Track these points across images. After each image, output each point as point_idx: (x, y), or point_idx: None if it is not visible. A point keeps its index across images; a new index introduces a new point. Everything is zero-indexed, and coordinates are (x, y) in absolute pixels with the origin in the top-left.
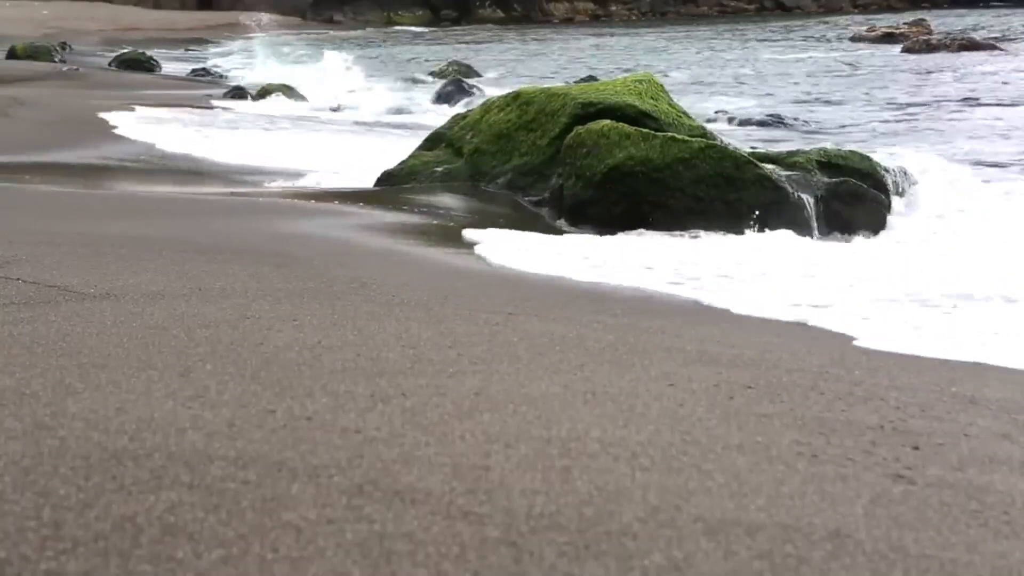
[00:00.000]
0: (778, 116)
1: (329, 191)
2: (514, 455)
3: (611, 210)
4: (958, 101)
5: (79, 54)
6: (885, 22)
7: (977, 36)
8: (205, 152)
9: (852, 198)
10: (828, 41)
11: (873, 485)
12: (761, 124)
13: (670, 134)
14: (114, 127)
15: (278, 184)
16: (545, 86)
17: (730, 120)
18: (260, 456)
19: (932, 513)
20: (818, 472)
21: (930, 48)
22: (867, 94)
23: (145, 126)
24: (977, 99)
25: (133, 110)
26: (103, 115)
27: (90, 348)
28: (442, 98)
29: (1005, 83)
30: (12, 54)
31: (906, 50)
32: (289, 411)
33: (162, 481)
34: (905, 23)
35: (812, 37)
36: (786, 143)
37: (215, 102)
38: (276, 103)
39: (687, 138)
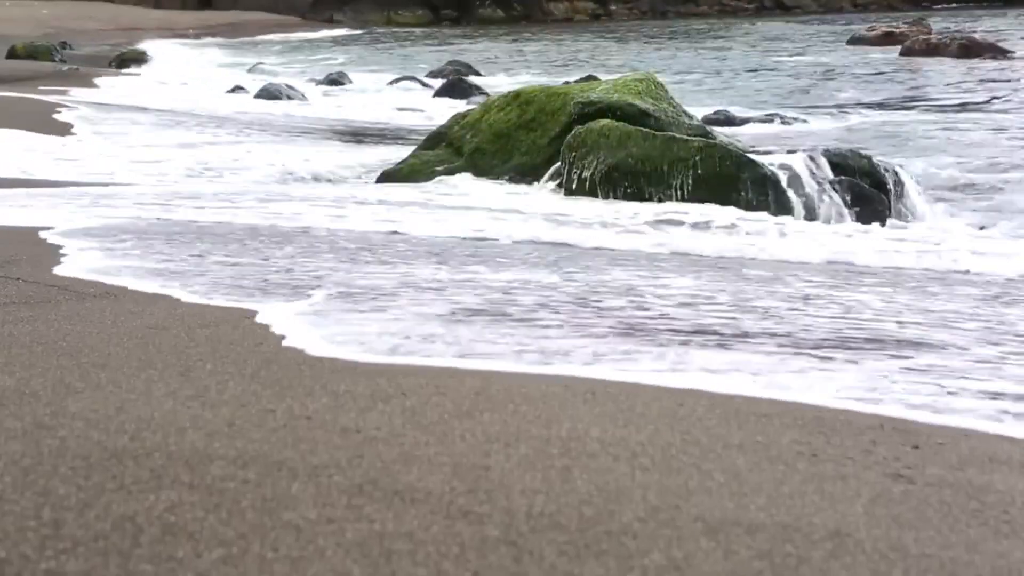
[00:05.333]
0: (778, 115)
1: None
2: (514, 455)
3: None
4: (953, 102)
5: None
6: (885, 22)
7: (977, 36)
8: None
9: (852, 198)
10: (828, 41)
11: (873, 485)
12: (761, 123)
13: (670, 133)
14: None
15: None
16: (545, 85)
17: (730, 119)
18: (260, 456)
19: (932, 513)
20: (818, 472)
21: (930, 48)
22: (866, 94)
23: None
24: (970, 102)
25: None
26: None
27: (90, 348)
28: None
29: (1001, 83)
30: (12, 54)
31: (906, 50)
32: (289, 411)
33: (162, 481)
34: (905, 23)
35: (812, 37)
36: (786, 142)
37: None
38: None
39: (687, 137)
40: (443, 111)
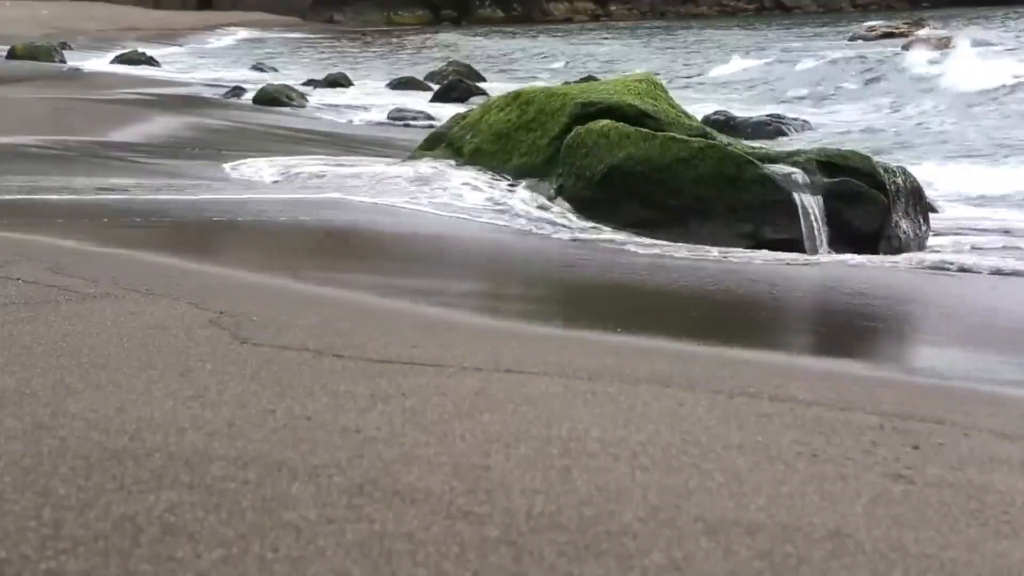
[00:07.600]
0: (778, 116)
1: None
2: (514, 455)
3: (612, 210)
4: (952, 101)
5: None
6: (885, 22)
7: (976, 35)
8: None
9: (852, 198)
10: (827, 41)
11: (873, 485)
12: (761, 124)
13: (670, 134)
14: None
15: None
16: (545, 86)
17: (729, 119)
18: (260, 456)
19: (932, 513)
20: (818, 472)
21: (929, 48)
22: (866, 94)
23: None
24: (969, 99)
25: None
26: None
27: (90, 348)
28: (441, 97)
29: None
30: (12, 54)
31: (905, 49)
32: (289, 411)
33: (162, 481)
34: (905, 23)
35: (812, 37)
36: (786, 143)
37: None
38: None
39: (687, 138)
40: (443, 112)
